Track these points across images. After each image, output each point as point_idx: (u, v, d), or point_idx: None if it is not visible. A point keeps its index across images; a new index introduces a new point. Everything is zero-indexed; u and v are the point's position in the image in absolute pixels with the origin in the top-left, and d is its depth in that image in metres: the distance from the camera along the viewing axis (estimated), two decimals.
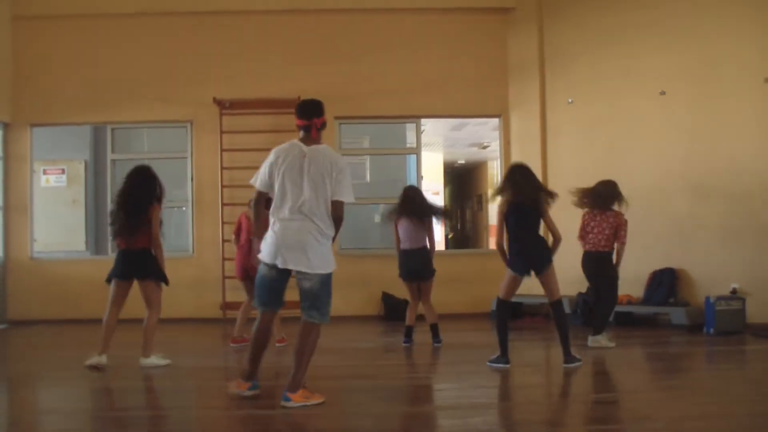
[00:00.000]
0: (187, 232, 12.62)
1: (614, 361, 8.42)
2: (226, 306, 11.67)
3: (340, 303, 8.67)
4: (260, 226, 6.35)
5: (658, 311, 10.82)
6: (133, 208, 7.87)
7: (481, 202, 23.27)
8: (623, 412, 6.16)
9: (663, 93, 10.85)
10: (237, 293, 11.08)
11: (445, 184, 22.98)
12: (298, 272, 6.04)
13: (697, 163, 10.68)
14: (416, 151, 12.96)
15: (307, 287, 6.04)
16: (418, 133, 12.86)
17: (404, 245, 9.23)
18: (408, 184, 10.74)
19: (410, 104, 12.56)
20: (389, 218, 9.45)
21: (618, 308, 10.47)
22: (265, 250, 6.10)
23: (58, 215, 13.89)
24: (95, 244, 14.49)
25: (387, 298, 11.84)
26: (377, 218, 15.42)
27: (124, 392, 7.20)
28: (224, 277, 11.79)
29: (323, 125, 6.31)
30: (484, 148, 23.12)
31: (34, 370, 8.47)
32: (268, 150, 11.44)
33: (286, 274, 6.14)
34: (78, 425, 5.95)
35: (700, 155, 10.64)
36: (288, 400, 6.03)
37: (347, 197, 6.09)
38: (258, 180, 6.25)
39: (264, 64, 12.38)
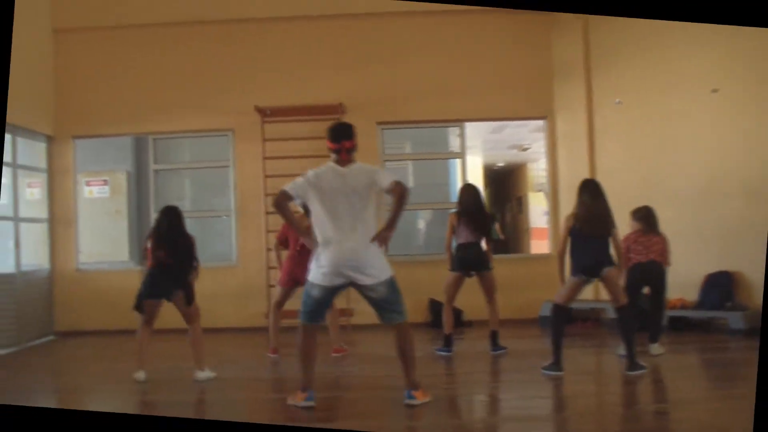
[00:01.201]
0: (231, 242, 12.51)
1: (671, 368, 8.19)
2: None
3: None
4: (297, 222, 6.48)
5: (713, 315, 10.50)
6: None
7: (521, 205, 23.03)
8: (683, 423, 5.93)
9: (715, 91, 10.53)
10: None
11: (485, 188, 22.75)
12: (364, 287, 6.18)
13: (751, 163, 10.32)
14: (461, 155, 12.75)
15: (377, 297, 6.22)
16: (463, 137, 12.64)
17: (463, 240, 9.07)
18: (467, 183, 10.50)
19: (453, 108, 12.36)
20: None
21: (671, 312, 10.29)
22: (319, 272, 6.19)
23: (101, 226, 13.87)
24: (139, 254, 14.44)
25: (434, 305, 11.67)
26: (421, 224, 15.28)
27: (172, 407, 7.08)
28: (269, 286, 11.67)
29: (353, 148, 6.38)
30: (524, 150, 22.92)
31: (83, 383, 8.44)
32: (311, 157, 11.59)
33: (337, 291, 6.33)
34: None
35: (754, 155, 10.30)
36: (413, 398, 6.28)
37: (393, 177, 6.22)
38: (291, 184, 6.29)
39: (305, 71, 12.24)
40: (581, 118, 12.03)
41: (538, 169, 28.44)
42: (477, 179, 20.96)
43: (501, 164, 23.95)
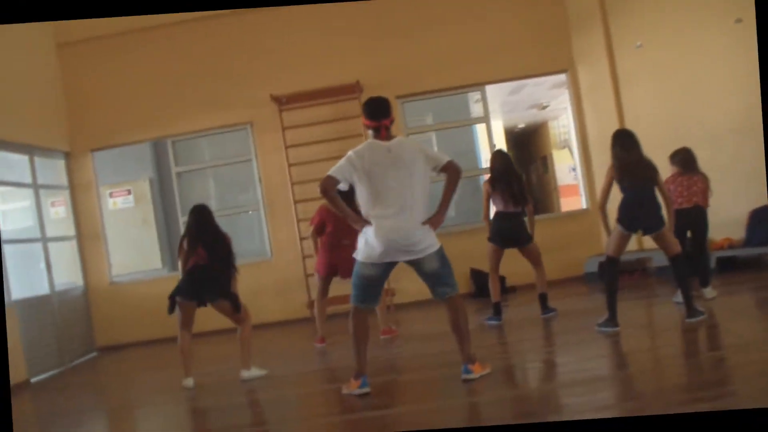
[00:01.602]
0: (263, 236, 12.32)
1: (728, 311, 7.96)
2: (313, 304, 11.35)
3: (423, 286, 8.33)
4: (346, 209, 6.16)
5: (763, 251, 10.21)
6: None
7: (546, 165, 22.73)
8: (749, 366, 5.63)
9: (739, 21, 10.16)
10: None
11: (508, 151, 22.46)
12: (415, 262, 6.02)
13: None
14: (485, 119, 12.49)
15: (429, 270, 6.06)
16: (485, 101, 12.36)
17: (499, 209, 8.85)
18: (497, 149, 10.23)
19: (472, 73, 12.06)
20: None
21: (719, 253, 10.05)
22: (368, 251, 6.00)
23: (130, 237, 13.78)
24: (171, 261, 14.34)
25: (476, 275, 11.47)
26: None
27: (224, 410, 6.89)
28: (307, 276, 11.50)
29: (391, 123, 6.21)
30: (544, 108, 22.61)
31: (131, 397, 8.33)
32: (334, 140, 11.39)
33: (389, 269, 6.14)
34: None
35: None
36: (470, 372, 6.13)
37: (444, 157, 6.12)
38: (335, 168, 6.05)
39: (317, 53, 12.00)
40: (603, 67, 11.65)
41: (559, 126, 28.19)
42: (500, 143, 20.72)
43: (522, 125, 23.68)
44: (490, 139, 12.39)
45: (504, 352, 7.72)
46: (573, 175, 27.20)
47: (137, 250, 13.96)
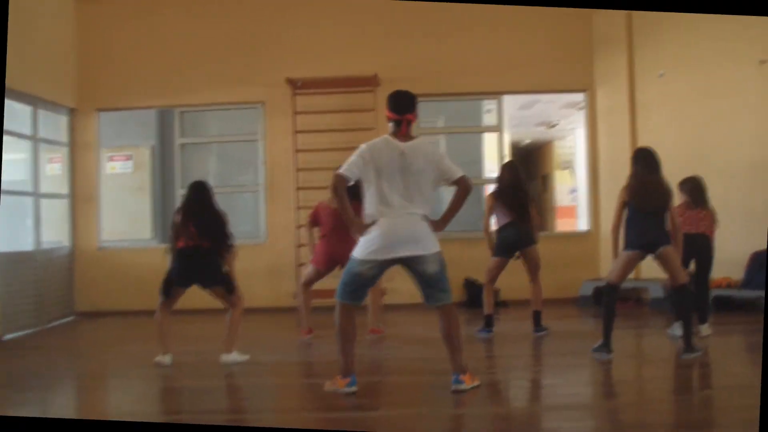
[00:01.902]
0: (260, 218, 12.12)
1: (721, 351, 7.85)
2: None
3: (415, 288, 8.16)
4: (349, 213, 5.99)
5: (760, 295, 10.04)
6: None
7: (546, 183, 22.63)
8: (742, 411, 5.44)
9: (764, 62, 10.06)
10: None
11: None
12: (415, 260, 5.84)
13: None
14: (498, 129, 12.33)
15: (431, 271, 5.89)
16: (500, 110, 12.23)
17: (504, 220, 8.70)
18: (508, 160, 10.08)
19: (491, 81, 11.90)
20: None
21: (716, 292, 9.90)
22: (369, 248, 5.84)
23: (123, 203, 13.54)
24: (162, 232, 14.13)
25: (469, 285, 11.34)
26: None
27: (200, 392, 6.70)
28: (298, 265, 11.31)
29: (414, 121, 6.07)
30: (552, 127, 22.49)
31: (105, 366, 8.13)
32: (344, 131, 11.22)
33: (385, 269, 5.96)
34: None
35: None
36: (461, 382, 5.96)
37: (458, 172, 5.98)
38: (346, 166, 5.91)
39: (338, 41, 11.82)
40: (622, 92, 11.54)
41: (564, 147, 28.05)
42: (504, 156, 20.57)
43: (527, 141, 23.56)
44: (501, 149, 12.22)
45: (492, 366, 7.55)
46: (572, 197, 27.17)
47: (129, 217, 13.72)
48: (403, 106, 6.04)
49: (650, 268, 7.49)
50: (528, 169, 25.05)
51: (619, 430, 5.21)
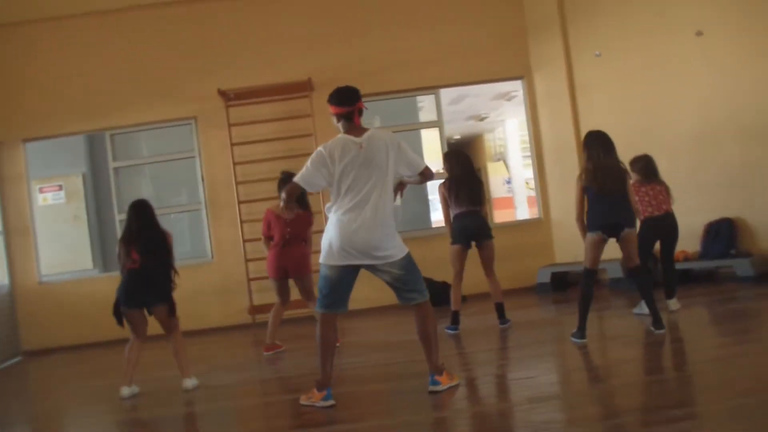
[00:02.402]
0: (204, 237, 11.76)
1: (691, 324, 7.75)
2: (255, 310, 10.91)
3: (369, 292, 7.98)
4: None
5: (719, 265, 10.08)
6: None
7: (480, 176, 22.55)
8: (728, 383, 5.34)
9: (700, 33, 10.05)
10: (265, 295, 10.40)
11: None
12: (379, 267, 5.67)
13: (744, 105, 9.84)
14: (437, 124, 12.16)
15: (396, 275, 5.74)
16: (439, 104, 12.06)
17: (460, 210, 8.47)
18: (454, 149, 9.89)
19: (427, 75, 11.72)
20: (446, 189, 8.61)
21: (676, 265, 9.85)
22: (329, 252, 5.66)
23: (59, 234, 13.11)
24: (103, 261, 13.70)
25: (427, 283, 11.12)
26: (398, 200, 14.68)
27: (167, 423, 6.38)
28: (249, 280, 11.02)
29: (362, 111, 5.87)
30: (482, 120, 22.47)
31: (61, 405, 7.69)
32: (281, 139, 10.95)
33: (353, 273, 5.75)
34: None
35: (747, 96, 9.81)
36: (437, 383, 5.82)
37: (422, 163, 5.88)
38: (301, 177, 5.74)
39: (268, 48, 11.54)
40: (560, 75, 11.48)
41: (495, 139, 28.10)
42: (437, 152, 20.45)
43: (457, 137, 23.54)
44: (443, 143, 12.06)
45: (466, 363, 7.32)
46: (507, 188, 27.24)
47: (67, 248, 13.31)
48: (348, 97, 5.83)
49: (607, 249, 7.35)
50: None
51: (610, 416, 5.00)
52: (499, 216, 20.53)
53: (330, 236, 5.67)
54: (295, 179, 5.72)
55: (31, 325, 11.37)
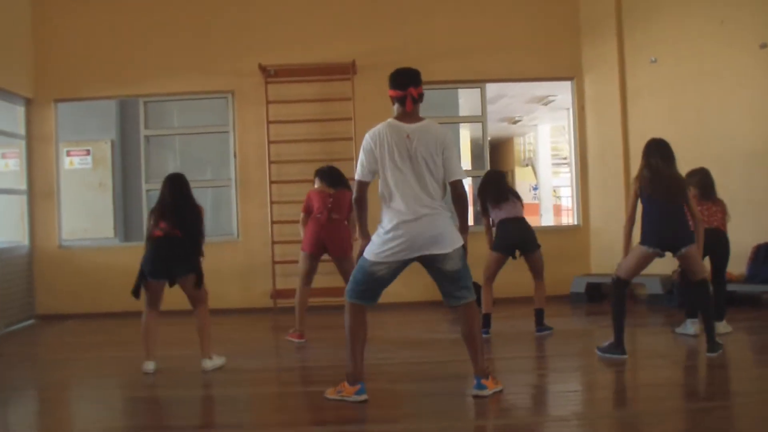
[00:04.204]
0: (231, 214, 11.42)
1: (735, 350, 7.27)
2: (277, 294, 10.58)
3: (401, 288, 7.60)
4: (362, 222, 5.59)
5: (765, 290, 9.65)
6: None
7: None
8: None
9: (764, 46, 9.66)
10: (288, 280, 10.08)
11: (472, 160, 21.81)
12: (433, 259, 5.37)
13: None
14: (481, 119, 11.80)
15: (451, 269, 5.44)
16: (484, 100, 11.67)
17: (501, 216, 8.31)
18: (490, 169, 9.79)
19: (474, 68, 11.33)
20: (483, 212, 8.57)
21: None
22: (382, 247, 5.39)
23: (83, 200, 12.85)
24: (124, 230, 13.44)
25: None
26: None
27: (183, 405, 6.10)
28: (274, 263, 10.70)
29: (421, 96, 5.54)
30: (515, 122, 22.16)
31: (74, 375, 7.42)
32: (319, 121, 10.64)
33: (402, 268, 5.49)
34: None
35: None
36: (483, 387, 5.58)
37: (459, 174, 5.52)
38: (359, 170, 5.49)
39: (313, 27, 11.17)
40: (612, 79, 11.04)
41: (525, 143, 27.83)
42: (466, 151, 20.10)
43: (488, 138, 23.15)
44: (485, 139, 11.72)
45: (494, 369, 6.96)
46: (533, 194, 26.92)
47: (90, 215, 13.06)
48: (405, 80, 5.54)
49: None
50: (491, 165, 24.69)
51: None
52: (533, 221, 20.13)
53: (387, 229, 5.41)
54: (357, 177, 5.49)
55: (47, 288, 11.10)
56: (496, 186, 8.51)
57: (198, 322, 7.04)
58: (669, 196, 6.79)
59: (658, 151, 6.99)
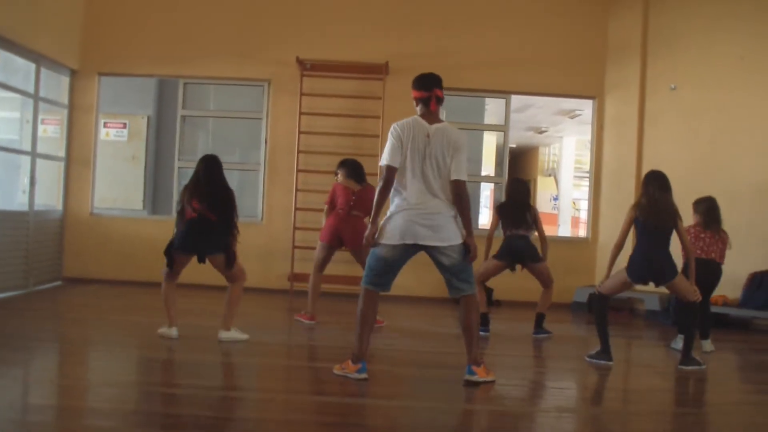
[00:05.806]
0: (257, 198, 11.91)
1: (719, 366, 7.76)
2: (294, 277, 11.04)
3: (412, 282, 8.04)
4: (379, 211, 6.02)
5: (756, 315, 10.06)
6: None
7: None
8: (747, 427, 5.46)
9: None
10: (306, 264, 10.50)
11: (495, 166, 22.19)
12: (435, 250, 5.85)
13: None
14: (504, 128, 12.21)
15: (450, 262, 5.91)
16: (508, 110, 12.09)
17: (507, 232, 8.78)
18: (516, 177, 10.23)
19: (501, 79, 11.77)
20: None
21: (712, 309, 9.84)
22: (389, 231, 5.88)
23: (115, 171, 13.37)
24: (152, 204, 13.95)
25: None
26: None
27: (204, 369, 6.58)
28: (294, 247, 11.15)
29: (442, 99, 6.11)
30: (541, 133, 22.49)
31: (93, 333, 8.01)
32: (349, 117, 11.09)
33: (410, 253, 5.95)
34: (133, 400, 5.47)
35: None
36: (474, 374, 6.01)
37: (462, 175, 5.92)
38: (388, 156, 5.91)
39: (351, 25, 11.64)
40: (632, 101, 11.44)
41: (550, 154, 28.07)
42: (491, 157, 20.49)
43: (513, 145, 23.50)
44: (505, 148, 12.14)
45: (488, 363, 7.43)
46: (553, 204, 27.18)
47: (120, 186, 13.57)
48: (429, 82, 6.11)
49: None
50: (513, 173, 25.03)
51: None
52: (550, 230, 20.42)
53: (394, 216, 5.89)
54: (386, 162, 5.89)
55: (75, 253, 11.61)
56: (519, 211, 8.79)
57: (228, 295, 7.44)
58: (659, 221, 7.15)
59: (656, 181, 7.36)
